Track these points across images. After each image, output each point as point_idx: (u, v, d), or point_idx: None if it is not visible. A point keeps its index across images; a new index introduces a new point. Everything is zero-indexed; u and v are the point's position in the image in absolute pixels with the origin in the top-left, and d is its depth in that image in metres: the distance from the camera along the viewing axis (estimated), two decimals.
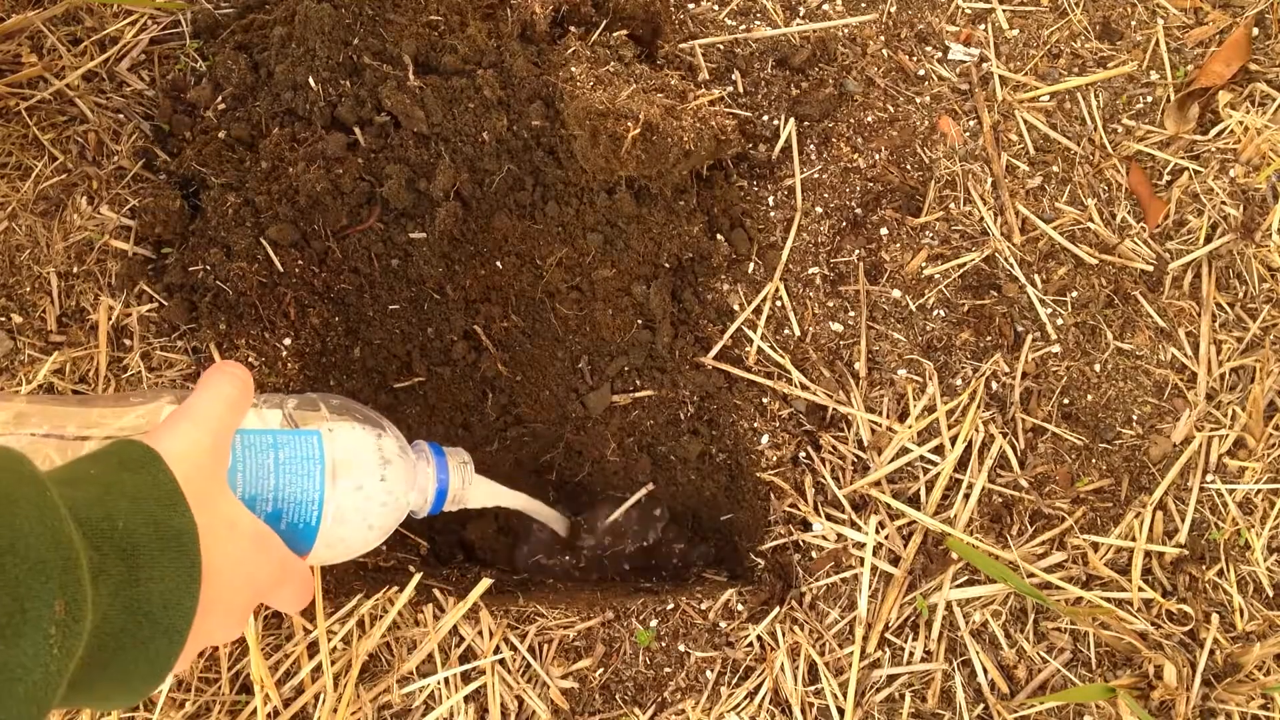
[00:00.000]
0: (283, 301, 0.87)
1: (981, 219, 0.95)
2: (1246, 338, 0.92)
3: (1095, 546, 0.86)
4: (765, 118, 0.97)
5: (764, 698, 0.80)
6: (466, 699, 0.79)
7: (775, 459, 0.89)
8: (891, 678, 0.82)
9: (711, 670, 0.82)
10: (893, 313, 0.92)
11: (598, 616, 0.83)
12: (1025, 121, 0.98)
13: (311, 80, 0.84)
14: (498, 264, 0.91)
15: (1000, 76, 0.99)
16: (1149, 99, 0.99)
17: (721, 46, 0.99)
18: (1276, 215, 0.94)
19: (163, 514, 0.47)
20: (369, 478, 0.66)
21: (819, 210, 0.95)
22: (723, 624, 0.83)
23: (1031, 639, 0.83)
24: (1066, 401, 0.91)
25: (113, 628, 0.44)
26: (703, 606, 0.84)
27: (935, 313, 0.92)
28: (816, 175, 0.96)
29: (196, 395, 0.55)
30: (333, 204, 0.85)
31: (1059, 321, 0.92)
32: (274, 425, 0.64)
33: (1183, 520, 0.87)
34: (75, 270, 0.86)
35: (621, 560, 1.06)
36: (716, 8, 1.01)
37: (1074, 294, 0.93)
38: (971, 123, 0.98)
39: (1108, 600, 0.84)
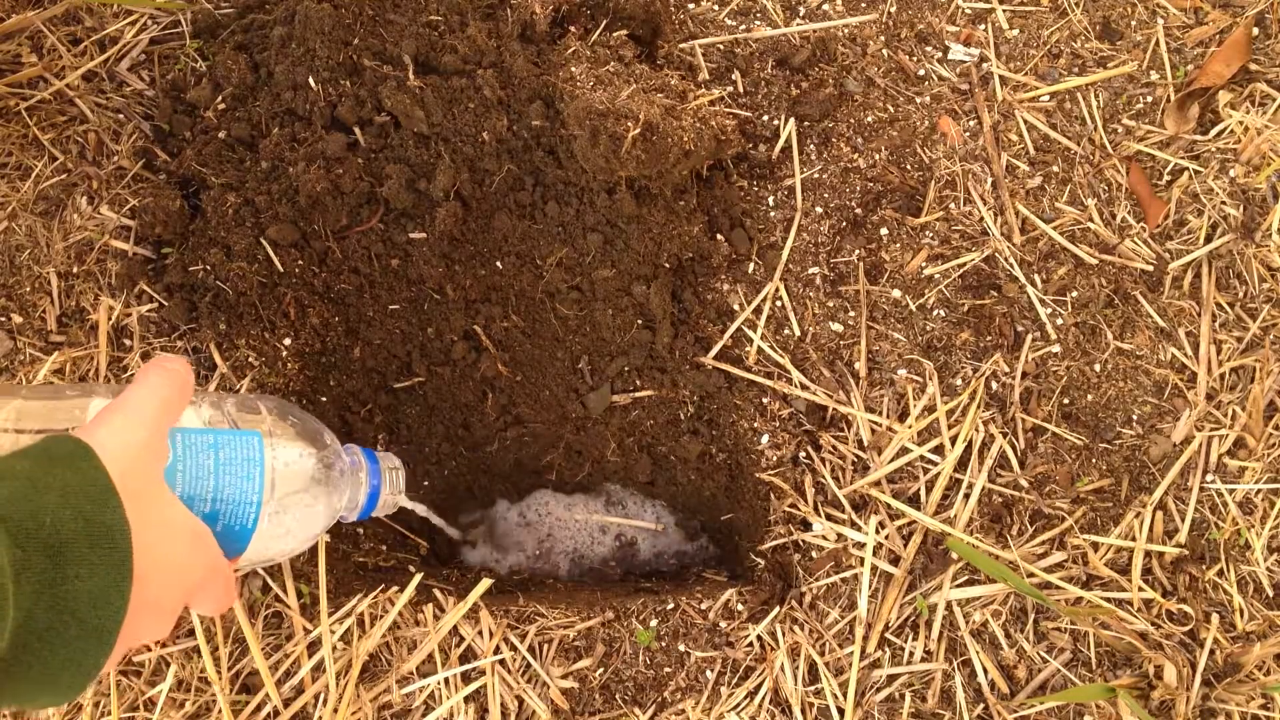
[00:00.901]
0: (283, 301, 0.87)
1: (981, 219, 0.95)
2: (1246, 338, 0.92)
3: (1095, 546, 0.86)
4: (765, 118, 0.97)
5: (764, 698, 0.80)
6: (466, 699, 0.79)
7: (775, 459, 0.89)
8: (891, 678, 0.82)
9: (711, 670, 0.82)
10: (893, 313, 0.92)
11: (598, 616, 0.83)
12: (1025, 121, 0.98)
13: (311, 80, 0.84)
14: (498, 264, 0.91)
15: (1000, 76, 0.99)
16: (1149, 99, 0.99)
17: (721, 46, 0.99)
18: (1276, 215, 0.93)
19: (93, 510, 0.45)
20: (305, 481, 0.64)
21: (819, 210, 0.95)
22: (723, 624, 0.83)
23: (1031, 639, 0.83)
24: (1066, 401, 0.91)
25: (38, 627, 0.42)
26: (703, 606, 0.84)
27: (935, 313, 0.92)
28: (816, 175, 0.96)
29: (133, 389, 0.53)
30: (333, 204, 0.85)
31: (1059, 321, 0.92)
32: (214, 424, 0.62)
33: (1183, 520, 0.87)
34: (75, 270, 0.86)
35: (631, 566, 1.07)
36: (716, 8, 1.01)
37: (1074, 294, 0.93)
38: (971, 123, 0.98)
39: (1108, 600, 0.84)
